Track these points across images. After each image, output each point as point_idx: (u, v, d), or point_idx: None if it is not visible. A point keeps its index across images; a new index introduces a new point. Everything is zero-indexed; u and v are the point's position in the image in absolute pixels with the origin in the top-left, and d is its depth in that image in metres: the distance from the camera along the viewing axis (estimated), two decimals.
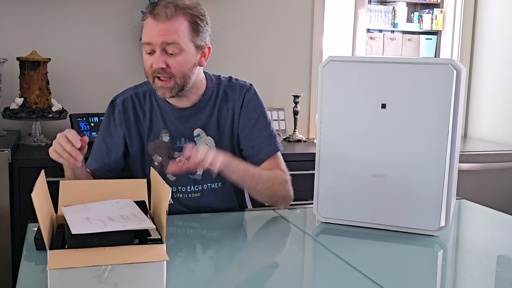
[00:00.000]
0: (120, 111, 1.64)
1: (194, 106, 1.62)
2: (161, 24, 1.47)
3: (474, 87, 3.33)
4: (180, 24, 1.49)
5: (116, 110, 1.65)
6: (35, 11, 2.56)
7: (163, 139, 1.62)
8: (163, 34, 1.47)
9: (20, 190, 2.11)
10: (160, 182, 1.05)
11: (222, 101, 1.64)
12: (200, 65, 1.58)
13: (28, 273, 1.11)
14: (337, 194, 1.43)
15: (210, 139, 1.63)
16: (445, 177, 1.34)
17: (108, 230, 0.96)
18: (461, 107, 1.34)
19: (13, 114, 2.33)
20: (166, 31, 1.47)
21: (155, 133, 1.62)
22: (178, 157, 1.61)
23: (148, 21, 1.50)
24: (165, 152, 1.62)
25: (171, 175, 1.61)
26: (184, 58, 1.51)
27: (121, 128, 1.63)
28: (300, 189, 2.38)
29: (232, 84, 1.67)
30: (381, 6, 4.73)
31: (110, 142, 1.65)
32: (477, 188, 2.71)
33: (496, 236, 1.49)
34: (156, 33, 1.47)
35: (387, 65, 1.36)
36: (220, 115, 1.64)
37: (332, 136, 1.42)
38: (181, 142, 1.61)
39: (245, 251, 1.31)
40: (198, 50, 1.55)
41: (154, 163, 1.62)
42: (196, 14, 1.52)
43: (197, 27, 1.52)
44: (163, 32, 1.47)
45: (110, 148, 1.65)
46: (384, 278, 1.11)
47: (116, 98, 1.67)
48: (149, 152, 1.62)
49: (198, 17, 1.53)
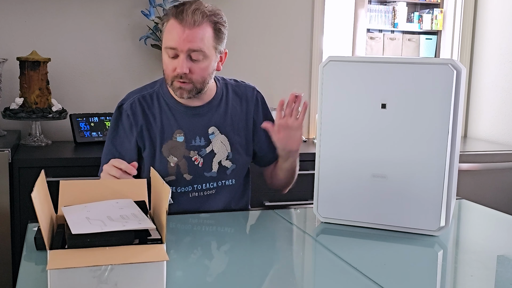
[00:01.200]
0: (129, 115, 1.61)
1: (208, 104, 1.64)
2: (187, 30, 1.48)
3: (474, 87, 3.33)
4: (206, 32, 1.51)
5: (124, 115, 1.62)
6: (35, 11, 2.56)
7: (177, 139, 1.61)
8: (190, 41, 1.48)
9: (20, 190, 2.11)
10: (160, 182, 1.05)
11: (234, 100, 1.68)
12: (217, 70, 1.62)
13: (28, 273, 1.11)
14: (337, 194, 1.43)
15: (224, 137, 1.65)
16: (445, 177, 1.34)
17: (108, 230, 0.96)
18: (461, 107, 1.34)
19: (13, 114, 2.33)
20: (193, 38, 1.49)
21: (167, 134, 1.61)
22: (193, 156, 1.62)
23: (173, 25, 1.50)
24: (180, 152, 1.61)
25: (188, 174, 1.62)
26: (207, 64, 1.54)
27: (132, 134, 1.61)
28: (300, 189, 2.38)
29: (240, 85, 1.73)
30: (381, 6, 4.73)
31: (122, 149, 1.62)
32: (477, 188, 2.71)
33: (496, 236, 1.49)
34: (182, 39, 1.48)
35: (387, 65, 1.36)
36: (233, 113, 1.67)
37: (332, 136, 1.42)
38: (196, 141, 1.62)
39: (245, 251, 1.31)
40: (218, 56, 1.59)
41: (169, 164, 1.61)
42: (220, 21, 1.56)
43: (220, 34, 1.56)
44: (190, 39, 1.48)
45: (123, 155, 1.60)
46: (384, 278, 1.11)
47: (123, 103, 1.64)
48: (164, 154, 1.61)
49: (222, 24, 1.56)
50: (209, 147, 1.63)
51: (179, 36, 1.49)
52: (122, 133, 1.62)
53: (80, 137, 2.46)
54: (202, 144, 1.63)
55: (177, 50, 1.50)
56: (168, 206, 0.99)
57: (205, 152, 1.63)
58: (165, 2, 2.60)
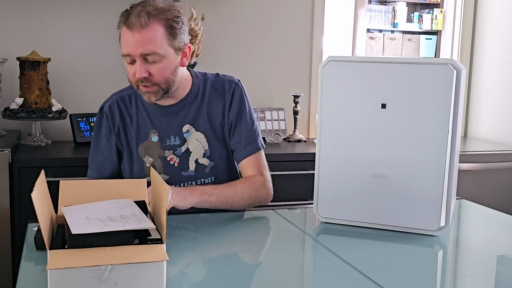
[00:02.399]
0: (108, 117, 1.64)
1: (181, 102, 1.62)
2: (136, 34, 1.45)
3: (474, 87, 3.33)
4: (155, 32, 1.47)
5: (104, 117, 1.65)
6: (35, 11, 2.56)
7: (152, 140, 1.62)
8: (140, 45, 1.46)
9: (20, 190, 2.11)
10: (160, 182, 1.05)
11: (211, 96, 1.64)
12: (182, 66, 1.57)
13: (28, 273, 1.11)
14: (337, 194, 1.43)
15: (200, 135, 1.63)
16: (445, 177, 1.34)
17: (108, 230, 0.96)
18: (461, 107, 1.34)
19: (13, 114, 2.33)
20: (143, 41, 1.45)
21: (143, 134, 1.62)
22: (168, 156, 1.61)
23: (123, 32, 1.49)
24: (155, 152, 1.62)
25: (164, 174, 1.62)
26: (165, 64, 1.50)
27: (112, 136, 1.64)
28: (300, 189, 2.38)
29: (220, 79, 1.67)
30: (381, 6, 4.73)
31: (104, 151, 1.65)
32: (477, 188, 2.71)
33: (496, 236, 1.49)
34: (133, 44, 1.46)
35: (387, 65, 1.36)
36: (210, 110, 1.64)
37: (332, 136, 1.42)
38: (171, 140, 1.62)
39: (245, 251, 1.31)
40: (178, 52, 1.53)
41: (145, 164, 1.62)
42: (170, 18, 1.49)
43: (173, 31, 1.50)
44: (140, 43, 1.46)
45: (105, 156, 1.65)
46: (384, 278, 1.11)
47: (104, 105, 1.67)
48: (140, 154, 1.62)
49: (173, 20, 1.50)
50: (184, 145, 1.62)
51: (130, 41, 1.46)
52: (103, 135, 1.65)
53: (80, 137, 2.46)
54: (177, 143, 1.62)
55: (132, 56, 1.48)
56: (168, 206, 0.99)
57: (180, 151, 1.62)
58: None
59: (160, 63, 1.49)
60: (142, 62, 1.48)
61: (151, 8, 1.47)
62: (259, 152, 1.66)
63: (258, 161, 1.65)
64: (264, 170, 1.66)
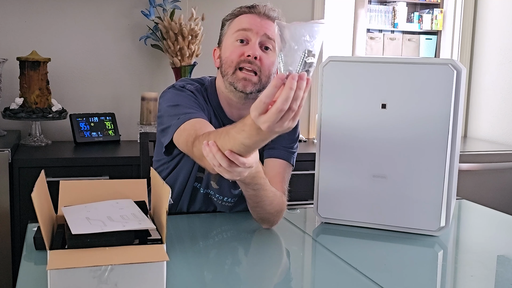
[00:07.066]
0: (196, 96, 1.48)
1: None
2: (264, 19, 1.46)
3: (474, 87, 3.33)
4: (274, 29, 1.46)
5: (189, 92, 1.47)
6: (35, 11, 2.56)
7: None
8: (267, 28, 1.44)
9: (20, 190, 2.11)
10: (160, 182, 1.05)
11: None
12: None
13: (28, 273, 1.11)
14: (337, 194, 1.43)
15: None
16: (445, 177, 1.34)
17: (108, 230, 0.96)
18: (461, 107, 1.34)
19: (13, 114, 2.33)
20: (269, 27, 1.44)
21: None
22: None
23: (246, 16, 1.46)
24: None
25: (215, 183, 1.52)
26: (272, 59, 1.46)
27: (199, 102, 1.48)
28: (300, 189, 2.38)
29: None
30: (381, 6, 4.73)
31: (194, 106, 1.44)
32: (477, 188, 2.71)
33: (496, 236, 1.49)
34: (258, 22, 1.45)
35: (387, 65, 1.36)
36: None
37: (332, 136, 1.42)
38: None
39: (245, 251, 1.31)
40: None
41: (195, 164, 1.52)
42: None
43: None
44: (266, 27, 1.44)
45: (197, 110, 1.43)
46: (384, 278, 1.11)
47: (184, 85, 1.49)
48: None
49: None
50: None
51: (255, 20, 1.45)
52: (190, 97, 1.47)
53: (80, 137, 2.46)
54: None
55: (251, 32, 1.44)
56: (168, 206, 0.99)
57: None
58: (165, 2, 2.60)
59: (272, 55, 1.46)
60: (257, 45, 1.45)
61: (276, 12, 1.50)
62: (290, 166, 1.53)
63: (284, 175, 1.50)
64: (287, 191, 1.50)
